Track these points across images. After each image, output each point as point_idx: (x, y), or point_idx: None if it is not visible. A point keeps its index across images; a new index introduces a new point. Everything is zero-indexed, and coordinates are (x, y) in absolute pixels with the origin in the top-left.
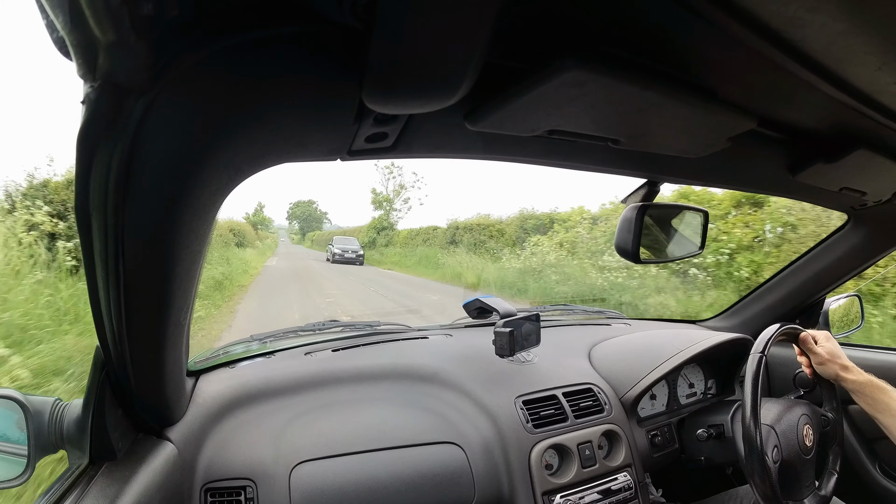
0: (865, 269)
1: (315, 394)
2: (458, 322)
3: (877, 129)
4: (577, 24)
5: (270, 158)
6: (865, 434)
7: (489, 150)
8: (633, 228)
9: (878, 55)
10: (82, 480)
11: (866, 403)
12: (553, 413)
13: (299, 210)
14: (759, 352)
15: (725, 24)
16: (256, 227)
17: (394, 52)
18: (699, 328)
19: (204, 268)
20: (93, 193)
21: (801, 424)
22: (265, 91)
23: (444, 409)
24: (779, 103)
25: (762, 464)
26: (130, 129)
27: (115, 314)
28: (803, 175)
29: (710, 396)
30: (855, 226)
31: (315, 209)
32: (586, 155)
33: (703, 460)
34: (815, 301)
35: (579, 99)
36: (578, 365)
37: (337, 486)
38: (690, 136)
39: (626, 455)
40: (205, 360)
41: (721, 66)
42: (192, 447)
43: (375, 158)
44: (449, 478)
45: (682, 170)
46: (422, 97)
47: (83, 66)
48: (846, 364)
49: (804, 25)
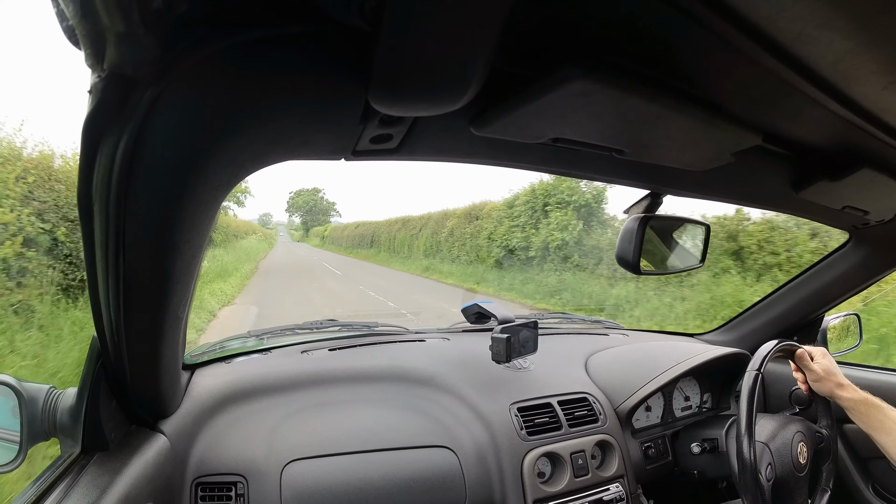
0: (865, 288)
1: (310, 392)
2: (456, 326)
3: (881, 148)
4: (585, 34)
5: (274, 156)
6: (860, 453)
7: (493, 155)
8: (635, 239)
9: (885, 74)
10: (73, 469)
11: (861, 421)
12: (547, 421)
13: (301, 200)
14: (755, 369)
15: (733, 38)
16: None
17: (401, 54)
18: (697, 341)
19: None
20: (96, 183)
21: (795, 442)
22: (271, 89)
23: (438, 412)
24: (784, 119)
25: (756, 482)
26: (136, 121)
27: (114, 305)
28: (806, 192)
29: (706, 410)
30: (856, 245)
31: (321, 199)
32: (590, 164)
33: (697, 474)
34: (814, 318)
35: (585, 108)
36: (574, 374)
37: (328, 486)
38: (695, 150)
39: (619, 466)
40: (201, 354)
41: (727, 80)
42: (184, 441)
43: (380, 159)
44: (441, 482)
45: (685, 182)
46: (428, 100)
47: (91, 56)
48: (842, 382)
49: (812, 42)
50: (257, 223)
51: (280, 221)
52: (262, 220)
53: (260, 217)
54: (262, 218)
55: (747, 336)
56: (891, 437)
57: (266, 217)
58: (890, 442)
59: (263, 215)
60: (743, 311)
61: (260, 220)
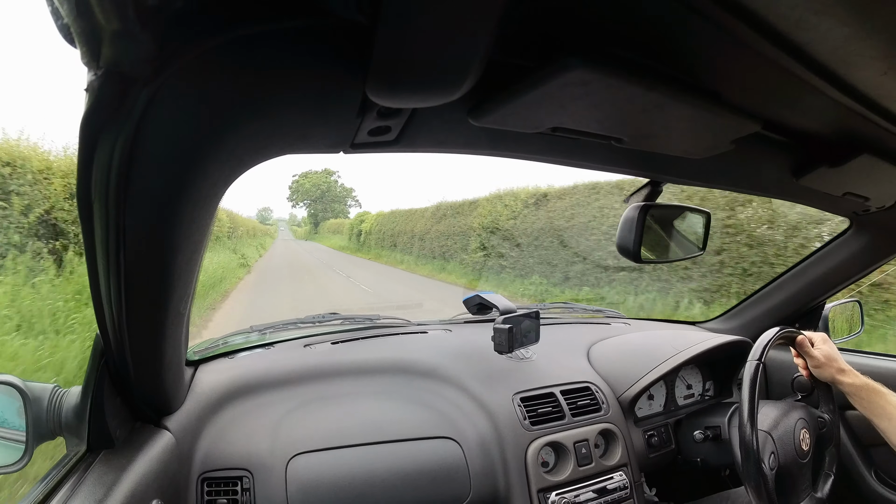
0: (866, 274)
1: (313, 386)
2: (458, 318)
3: (881, 134)
4: (583, 24)
5: (273, 150)
6: (862, 440)
7: (492, 146)
8: (635, 228)
9: (884, 60)
10: (80, 467)
11: (863, 407)
12: (550, 411)
13: (309, 184)
14: (756, 358)
15: (731, 25)
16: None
17: (398, 47)
18: (698, 330)
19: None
20: (95, 182)
21: (798, 429)
22: (269, 84)
23: (441, 404)
24: (783, 107)
25: (759, 471)
26: (134, 118)
27: (116, 303)
28: (807, 179)
29: (708, 398)
30: (857, 231)
31: (334, 182)
32: (590, 153)
33: (700, 462)
34: (815, 305)
35: (583, 98)
36: (577, 363)
37: (333, 479)
38: (694, 138)
39: (623, 455)
40: (204, 349)
41: (726, 68)
42: (189, 437)
43: (378, 152)
44: (445, 473)
45: (685, 171)
46: (426, 92)
47: (87, 54)
48: (843, 367)
49: (811, 28)
50: (256, 219)
51: (281, 217)
52: (261, 215)
53: (259, 212)
54: (261, 213)
55: (749, 324)
56: (892, 422)
57: (265, 212)
58: (891, 427)
59: (263, 210)
60: (744, 298)
61: (259, 215)
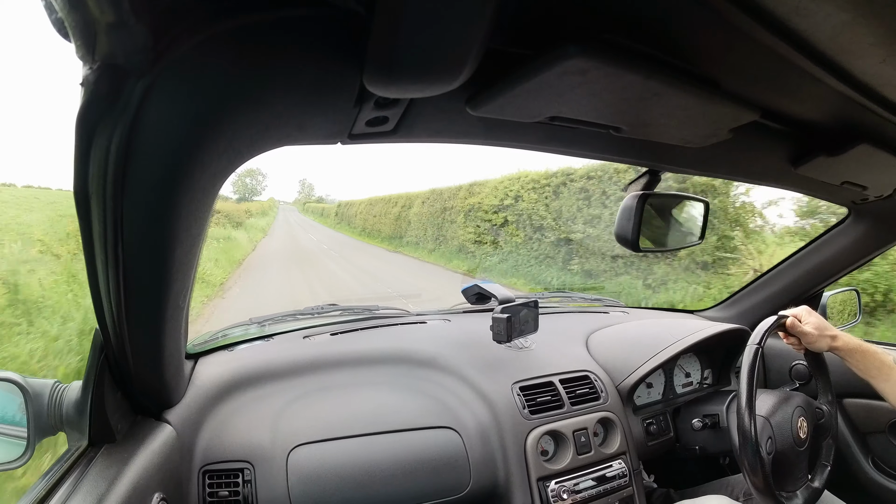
0: (865, 263)
1: (313, 377)
2: (457, 307)
3: (880, 123)
4: (580, 12)
5: (270, 141)
6: (859, 428)
7: (490, 135)
8: (634, 217)
9: (883, 47)
10: (81, 462)
11: (859, 369)
12: (549, 399)
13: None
14: (755, 343)
15: (730, 13)
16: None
17: (395, 36)
18: (697, 318)
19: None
20: (92, 176)
21: (795, 416)
22: (265, 74)
23: (441, 394)
24: (782, 95)
25: (756, 455)
26: (130, 112)
27: (115, 297)
28: (805, 168)
29: (706, 386)
30: (855, 220)
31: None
32: (588, 142)
33: (698, 450)
34: (813, 294)
35: (581, 87)
36: (576, 352)
37: (334, 469)
38: (692, 126)
39: (622, 443)
40: (203, 342)
41: (724, 56)
42: (190, 429)
43: (376, 142)
44: (445, 462)
45: (683, 159)
46: (423, 82)
47: (82, 48)
48: (835, 333)
49: (809, 15)
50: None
51: (284, 201)
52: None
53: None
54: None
55: (747, 312)
56: (889, 382)
57: (250, 179)
58: (888, 388)
59: (245, 175)
60: (743, 287)
61: (237, 185)
